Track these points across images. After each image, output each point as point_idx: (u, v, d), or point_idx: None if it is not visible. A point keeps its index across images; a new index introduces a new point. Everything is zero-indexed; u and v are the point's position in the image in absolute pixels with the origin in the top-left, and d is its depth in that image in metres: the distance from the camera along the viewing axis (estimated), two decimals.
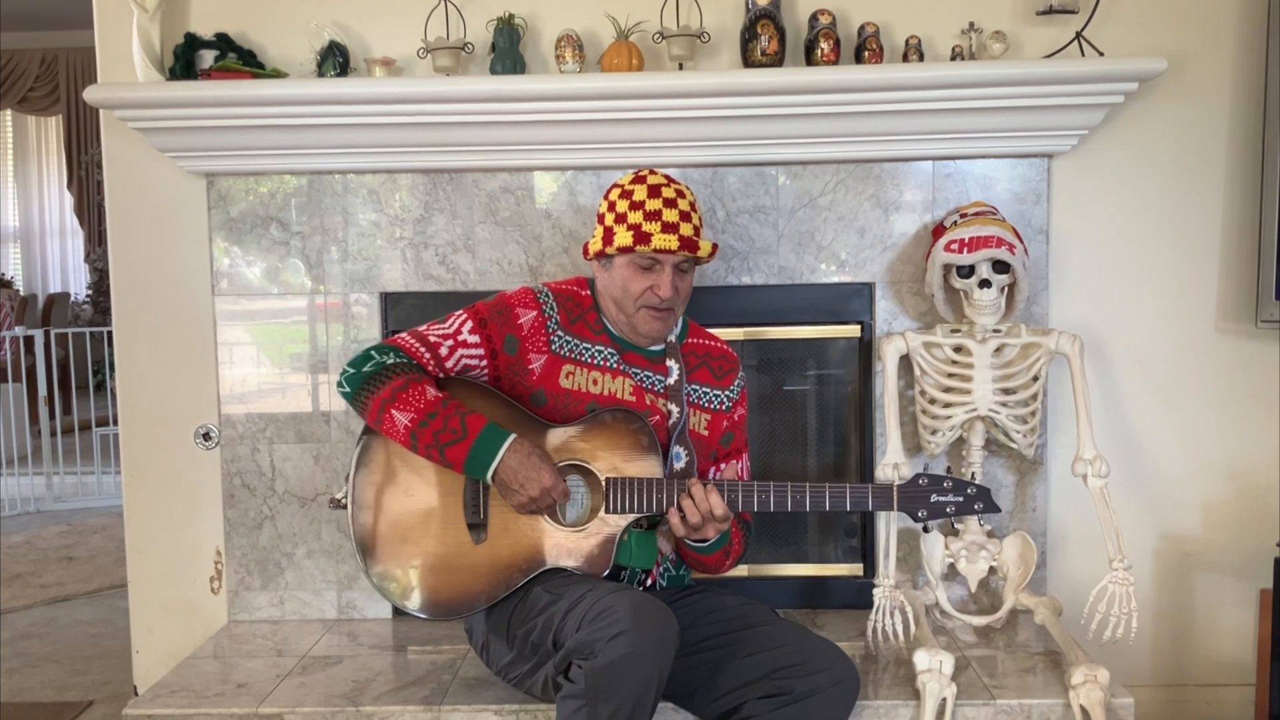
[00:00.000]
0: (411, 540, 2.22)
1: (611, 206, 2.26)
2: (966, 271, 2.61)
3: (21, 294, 9.51)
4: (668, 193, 2.23)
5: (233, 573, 2.94)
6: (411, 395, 2.12)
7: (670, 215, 2.20)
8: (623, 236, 2.20)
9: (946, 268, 2.63)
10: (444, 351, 2.21)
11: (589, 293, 2.34)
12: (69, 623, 4.03)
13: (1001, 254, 2.56)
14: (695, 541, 2.21)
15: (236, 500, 2.92)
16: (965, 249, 2.57)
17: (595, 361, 2.28)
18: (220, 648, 2.75)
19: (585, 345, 2.28)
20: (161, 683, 2.51)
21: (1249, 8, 2.78)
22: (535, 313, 2.26)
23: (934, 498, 2.14)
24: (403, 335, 2.24)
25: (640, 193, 2.23)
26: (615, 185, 2.29)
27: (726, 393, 2.39)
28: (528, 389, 2.25)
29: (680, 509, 2.14)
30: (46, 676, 3.48)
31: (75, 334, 7.34)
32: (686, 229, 2.20)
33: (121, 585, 3.66)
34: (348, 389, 2.17)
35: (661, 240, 2.18)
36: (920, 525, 2.18)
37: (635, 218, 2.20)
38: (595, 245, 2.27)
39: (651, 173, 2.28)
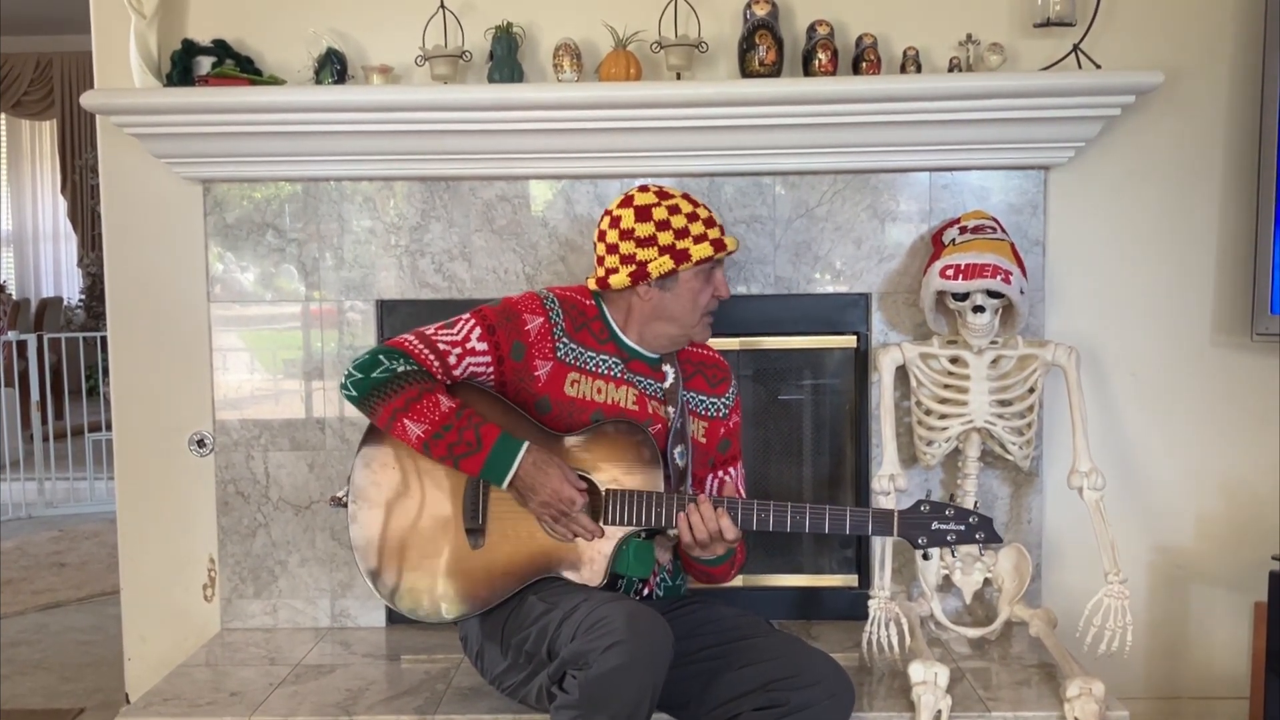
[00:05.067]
0: (409, 543, 2.22)
1: (663, 225, 2.21)
2: (961, 295, 2.59)
3: (14, 298, 9.48)
4: (693, 201, 2.28)
5: (226, 580, 2.92)
6: (425, 406, 2.11)
7: (715, 217, 2.29)
8: (702, 249, 2.22)
9: (941, 291, 2.62)
10: (452, 360, 2.20)
11: (593, 303, 2.33)
12: (60, 629, 4.01)
13: (996, 285, 2.53)
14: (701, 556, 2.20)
15: (230, 507, 2.91)
16: (961, 276, 2.54)
17: (600, 370, 2.28)
18: (213, 656, 2.74)
19: (590, 353, 2.28)
20: (153, 691, 2.50)
21: (1245, 21, 2.79)
22: (542, 319, 2.25)
23: (935, 525, 2.11)
24: (409, 338, 2.21)
25: (685, 205, 2.26)
26: (646, 208, 2.23)
27: (722, 400, 2.40)
28: (532, 395, 2.24)
29: (689, 524, 2.12)
30: (37, 683, 3.47)
31: (68, 339, 7.33)
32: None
33: (113, 592, 3.63)
34: (354, 393, 2.16)
35: (730, 241, 2.27)
36: (920, 552, 2.16)
37: (698, 229, 2.23)
38: (662, 266, 2.20)
39: (658, 189, 2.28)
